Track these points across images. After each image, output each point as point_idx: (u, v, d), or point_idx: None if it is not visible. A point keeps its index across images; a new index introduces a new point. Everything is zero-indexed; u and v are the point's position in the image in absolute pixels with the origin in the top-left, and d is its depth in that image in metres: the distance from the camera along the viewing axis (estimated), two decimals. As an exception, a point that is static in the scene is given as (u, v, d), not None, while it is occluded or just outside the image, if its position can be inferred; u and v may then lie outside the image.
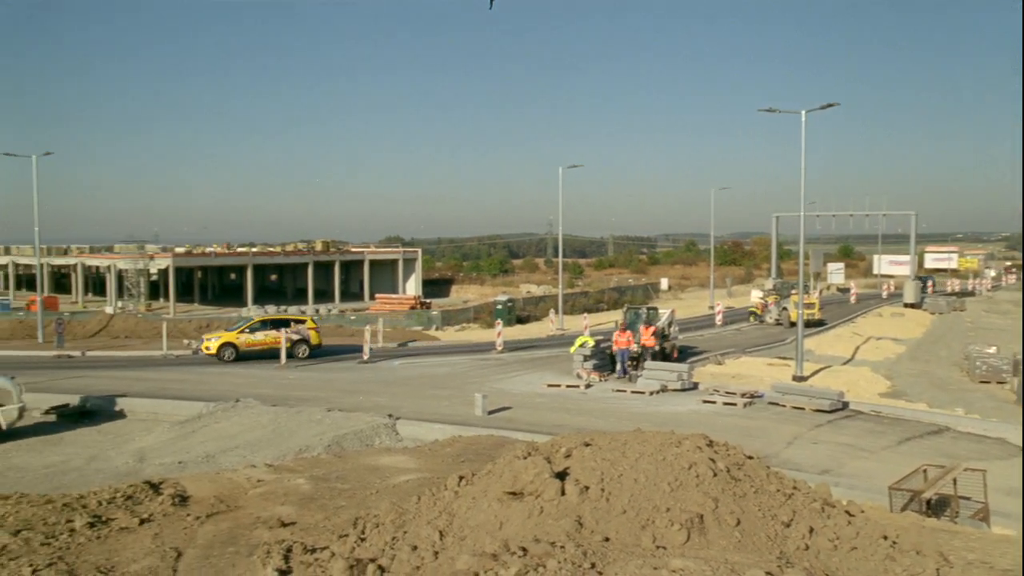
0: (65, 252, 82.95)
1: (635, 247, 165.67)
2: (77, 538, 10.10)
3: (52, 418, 22.74)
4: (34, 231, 44.67)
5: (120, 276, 69.42)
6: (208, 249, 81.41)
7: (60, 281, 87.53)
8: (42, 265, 55.13)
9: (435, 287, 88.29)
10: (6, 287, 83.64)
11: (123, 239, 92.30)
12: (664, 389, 25.60)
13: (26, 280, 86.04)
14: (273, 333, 34.20)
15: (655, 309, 33.48)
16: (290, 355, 33.39)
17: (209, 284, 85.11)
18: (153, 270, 68.87)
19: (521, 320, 53.44)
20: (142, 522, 10.78)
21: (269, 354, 33.42)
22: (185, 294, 75.60)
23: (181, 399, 24.21)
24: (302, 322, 36.16)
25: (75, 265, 78.07)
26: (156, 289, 74.05)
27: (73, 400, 23.89)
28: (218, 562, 9.33)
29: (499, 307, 51.24)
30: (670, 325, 32.54)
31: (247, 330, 34.68)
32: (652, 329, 28.92)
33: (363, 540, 8.24)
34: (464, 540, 7.27)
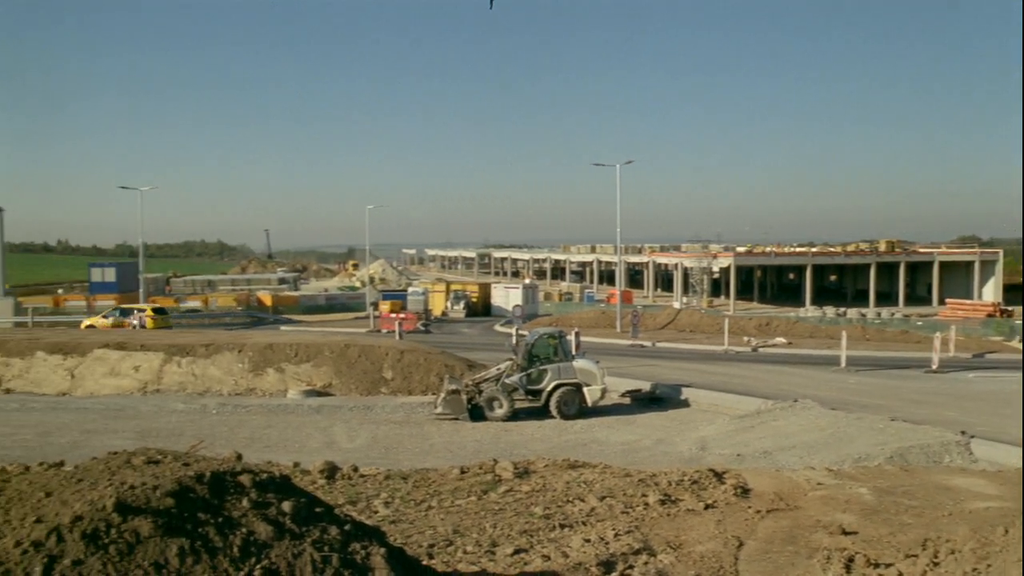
0: (639, 251, 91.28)
1: None
2: (650, 512, 11.04)
3: (627, 401, 25.16)
4: (616, 232, 49.99)
5: (686, 273, 73.94)
6: (767, 249, 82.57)
7: (634, 277, 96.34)
8: (621, 262, 61.24)
9: (1019, 294, 77.82)
10: (591, 281, 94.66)
11: (689, 239, 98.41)
12: None
13: (607, 275, 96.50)
14: (121, 319, 43.45)
15: None
16: None
17: (768, 283, 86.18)
18: (715, 268, 71.90)
19: None
20: (707, 507, 11.36)
21: None
22: (744, 292, 77.58)
23: (741, 394, 24.92)
24: (143, 310, 44.77)
25: (647, 263, 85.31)
26: (717, 286, 77.21)
27: (645, 386, 26.12)
28: (777, 558, 9.42)
29: (1105, 319, 43.34)
30: None
31: (107, 316, 44.51)
32: None
33: (936, 565, 7.61)
34: (1064, 587, 6.30)
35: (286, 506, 5.55)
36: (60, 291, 79.55)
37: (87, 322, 45.74)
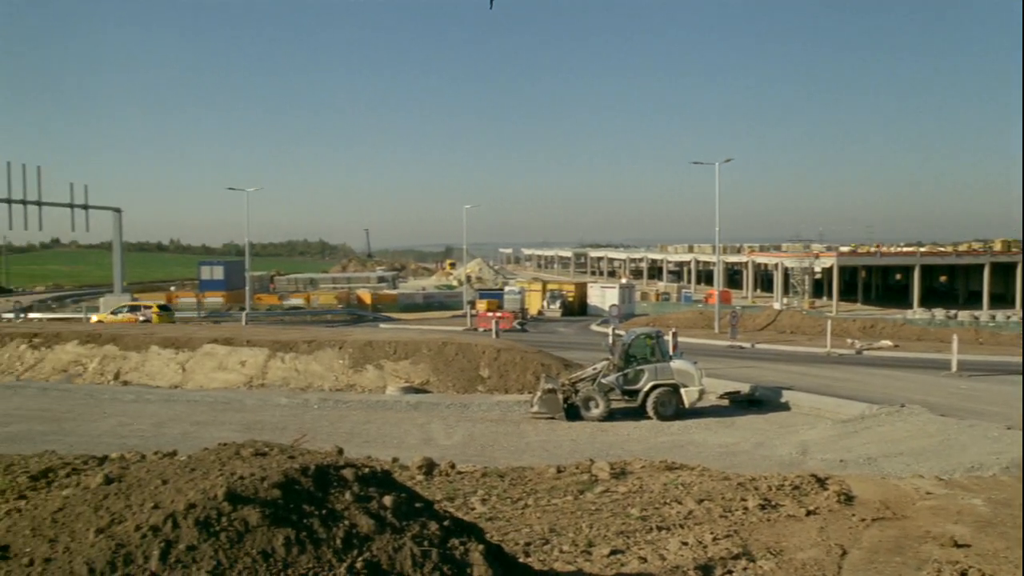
0: (738, 250, 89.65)
1: None
2: (749, 516, 10.81)
3: (725, 403, 24.72)
4: (715, 231, 49.23)
5: (786, 273, 72.20)
6: (871, 249, 79.96)
7: (733, 277, 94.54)
8: (719, 262, 60.25)
9: None
10: (689, 281, 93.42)
11: (790, 238, 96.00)
12: None
13: (704, 275, 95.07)
14: (129, 315, 44.25)
15: None
16: None
17: (873, 283, 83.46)
18: (817, 268, 70.05)
19: None
20: (808, 513, 11.05)
21: None
22: (848, 293, 75.33)
23: (844, 398, 24.20)
24: (149, 307, 46.50)
25: (746, 263, 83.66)
26: (819, 287, 75.20)
27: (744, 388, 25.61)
28: (883, 568, 9.09)
29: None
30: None
31: (116, 312, 45.55)
32: None
33: (1057, 581, 7.24)
34: None
35: (387, 500, 5.67)
36: (172, 288, 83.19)
37: (96, 318, 47.36)
